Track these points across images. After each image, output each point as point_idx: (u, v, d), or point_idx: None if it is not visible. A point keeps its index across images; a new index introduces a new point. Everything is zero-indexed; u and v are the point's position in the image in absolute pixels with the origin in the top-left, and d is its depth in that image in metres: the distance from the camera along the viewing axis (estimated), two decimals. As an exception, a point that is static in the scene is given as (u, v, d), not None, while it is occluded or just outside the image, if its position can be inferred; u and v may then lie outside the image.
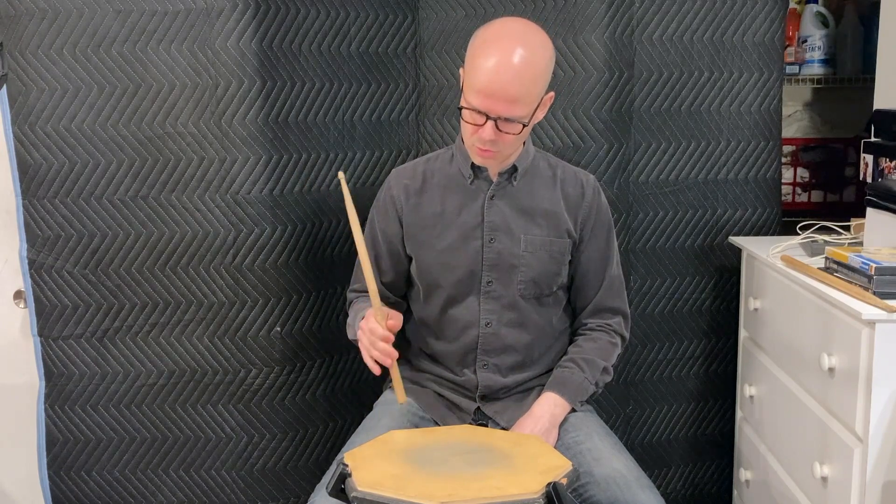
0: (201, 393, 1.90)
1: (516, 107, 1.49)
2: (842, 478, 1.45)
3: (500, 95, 1.47)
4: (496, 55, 1.47)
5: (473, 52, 1.52)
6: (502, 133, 1.51)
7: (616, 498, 1.44)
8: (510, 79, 1.47)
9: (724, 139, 2.03)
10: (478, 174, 1.66)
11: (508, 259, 1.64)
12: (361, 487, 1.25)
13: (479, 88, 1.48)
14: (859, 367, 1.38)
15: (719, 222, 2.06)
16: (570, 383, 1.64)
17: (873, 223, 1.66)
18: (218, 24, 1.76)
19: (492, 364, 1.68)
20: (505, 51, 1.47)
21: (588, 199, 1.68)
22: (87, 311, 1.88)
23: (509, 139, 1.53)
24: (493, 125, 1.50)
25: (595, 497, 1.46)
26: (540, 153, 1.72)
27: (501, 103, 1.48)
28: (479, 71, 1.48)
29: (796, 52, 2.39)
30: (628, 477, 1.47)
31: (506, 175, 1.65)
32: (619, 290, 1.74)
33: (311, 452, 1.98)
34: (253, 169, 1.81)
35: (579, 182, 1.69)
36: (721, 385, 2.13)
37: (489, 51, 1.48)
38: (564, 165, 1.72)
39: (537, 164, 1.69)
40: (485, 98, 1.48)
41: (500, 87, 1.47)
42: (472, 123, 1.53)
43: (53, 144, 1.82)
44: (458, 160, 1.68)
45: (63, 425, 1.94)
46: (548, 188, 1.68)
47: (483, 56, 1.48)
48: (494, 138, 1.51)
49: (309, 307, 1.92)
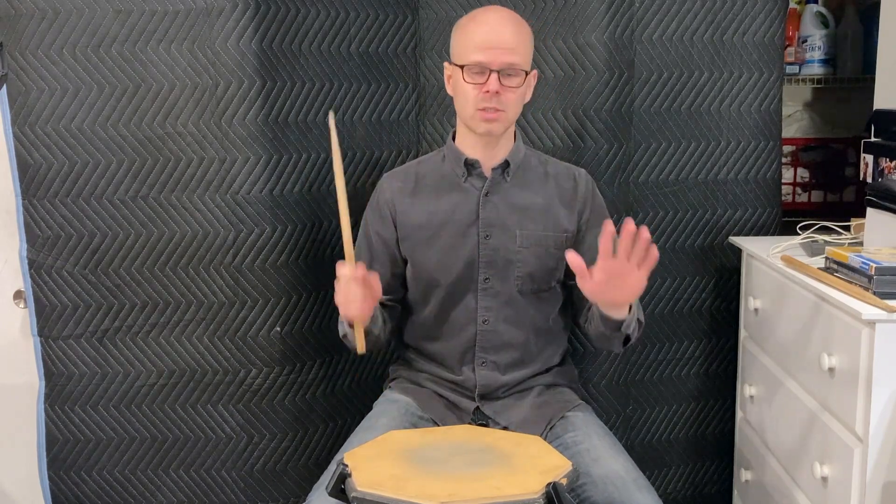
0: (201, 393, 1.90)
1: (515, 54, 1.59)
2: (842, 478, 1.45)
3: (500, 44, 1.57)
4: (489, 13, 1.62)
5: (463, 27, 1.64)
6: (505, 87, 1.58)
7: (613, 498, 1.44)
8: (507, 28, 1.59)
9: (724, 139, 2.03)
10: (471, 171, 1.67)
11: (504, 255, 1.65)
12: (361, 487, 1.25)
13: (478, 43, 1.58)
14: (859, 367, 1.38)
15: (719, 222, 2.06)
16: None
17: (873, 223, 1.66)
18: (218, 24, 1.76)
19: (490, 361, 1.68)
20: (495, 12, 1.63)
21: (581, 190, 1.71)
22: (87, 311, 1.88)
23: (510, 96, 1.59)
24: (496, 77, 1.57)
25: (592, 497, 1.46)
26: (531, 151, 1.75)
27: (502, 52, 1.57)
28: (476, 31, 1.60)
29: (796, 52, 2.39)
30: (626, 478, 1.47)
31: (499, 171, 1.67)
32: None
33: (310, 452, 1.98)
34: (253, 169, 1.81)
35: (571, 175, 1.73)
36: (721, 385, 2.13)
37: (479, 16, 1.62)
38: (556, 162, 1.76)
39: (529, 161, 1.72)
40: (486, 50, 1.57)
41: (499, 36, 1.58)
42: (475, 83, 1.59)
43: (53, 144, 1.82)
44: (449, 160, 1.70)
45: (63, 425, 1.94)
46: (541, 184, 1.70)
47: (475, 21, 1.62)
48: (499, 91, 1.57)
49: (309, 307, 1.92)
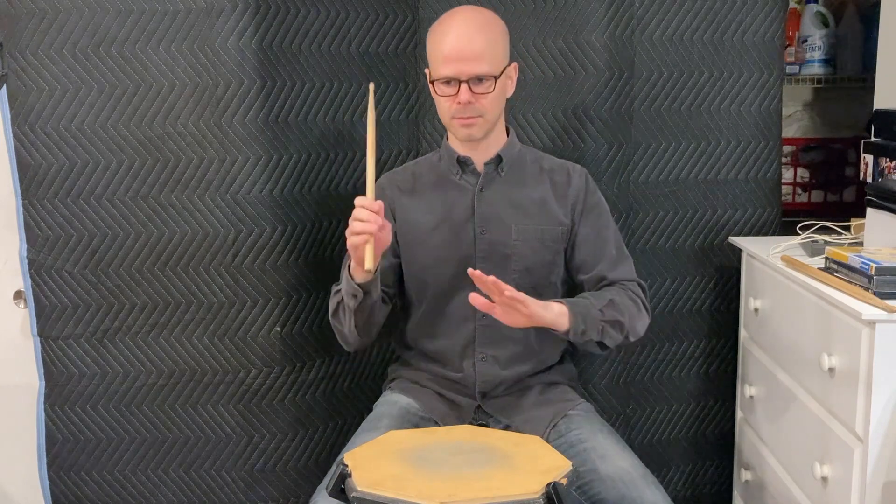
0: (201, 393, 1.90)
1: (482, 62, 1.57)
2: (842, 478, 1.45)
3: (465, 54, 1.56)
4: (452, 22, 1.59)
5: (432, 36, 1.63)
6: (477, 94, 1.58)
7: (623, 495, 1.44)
8: (470, 36, 1.57)
9: (724, 139, 2.03)
10: (465, 168, 1.68)
11: (501, 249, 1.66)
12: (361, 487, 1.25)
13: (444, 55, 1.57)
14: (859, 367, 1.38)
15: (719, 222, 2.06)
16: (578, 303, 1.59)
17: (873, 223, 1.66)
18: (218, 24, 1.76)
19: (490, 356, 1.68)
20: (459, 18, 1.60)
21: (575, 183, 1.71)
22: (87, 311, 1.88)
23: (484, 102, 1.59)
24: (467, 87, 1.57)
25: (601, 494, 1.46)
26: (526, 148, 1.77)
27: (468, 62, 1.56)
28: (441, 42, 1.58)
29: (796, 52, 2.39)
30: (634, 474, 1.48)
31: (492, 166, 1.68)
32: (624, 264, 1.72)
33: (311, 452, 1.98)
34: (253, 169, 1.81)
35: (566, 170, 1.73)
36: (721, 385, 2.13)
37: (445, 24, 1.61)
38: (551, 158, 1.77)
39: (524, 158, 1.73)
40: (453, 62, 1.56)
41: (463, 46, 1.56)
42: (447, 95, 1.59)
43: (53, 144, 1.81)
44: (444, 159, 1.72)
45: (63, 425, 1.94)
46: (536, 179, 1.71)
47: (440, 30, 1.60)
48: (471, 100, 1.57)
49: (309, 307, 1.92)
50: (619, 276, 1.70)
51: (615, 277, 1.70)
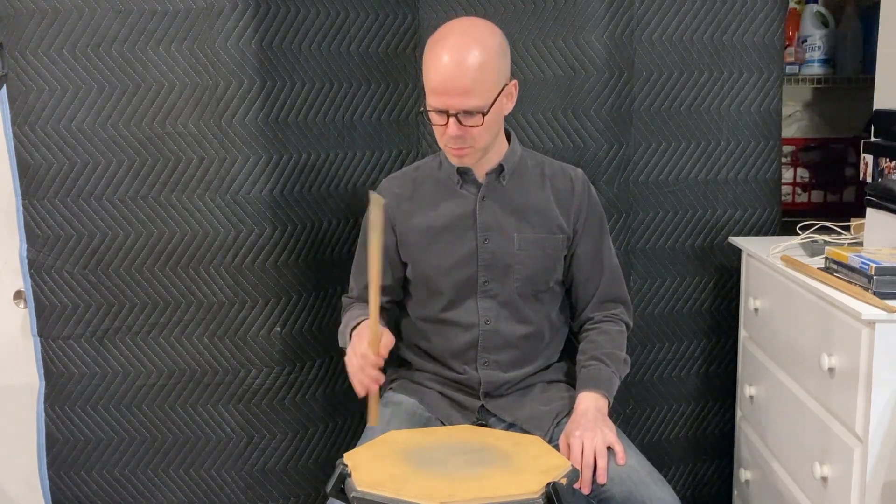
0: (201, 393, 1.90)
1: (471, 98, 1.51)
2: (842, 478, 1.45)
3: (452, 90, 1.51)
4: (441, 52, 1.51)
5: (425, 56, 1.56)
6: (467, 127, 1.54)
7: (631, 493, 1.44)
8: (457, 72, 1.50)
9: (724, 139, 2.03)
10: (465, 178, 1.67)
11: (503, 258, 1.65)
12: (361, 487, 1.25)
13: (432, 87, 1.53)
14: (859, 368, 1.38)
15: (719, 222, 2.06)
16: (601, 378, 1.63)
17: (873, 223, 1.66)
18: (218, 24, 1.76)
19: (492, 361, 1.68)
20: (449, 47, 1.51)
21: (578, 193, 1.70)
22: (87, 311, 1.88)
23: (475, 132, 1.55)
24: (455, 121, 1.53)
25: (609, 492, 1.46)
26: (527, 152, 1.73)
27: (455, 97, 1.51)
28: (430, 71, 1.53)
29: (796, 52, 2.39)
30: (641, 472, 1.48)
31: (493, 175, 1.66)
32: (618, 280, 1.75)
33: (311, 452, 1.98)
34: (253, 169, 1.81)
35: (567, 177, 1.71)
36: (721, 385, 2.13)
37: (435, 50, 1.53)
38: (551, 162, 1.74)
39: (525, 163, 1.70)
40: (440, 96, 1.52)
41: (450, 82, 1.51)
42: (436, 124, 1.57)
43: (53, 144, 1.81)
44: (445, 166, 1.69)
45: (63, 425, 1.94)
46: (537, 186, 1.69)
47: (431, 57, 1.54)
48: (460, 133, 1.54)
49: (309, 307, 1.92)
50: (613, 294, 1.73)
51: (606, 297, 1.73)
